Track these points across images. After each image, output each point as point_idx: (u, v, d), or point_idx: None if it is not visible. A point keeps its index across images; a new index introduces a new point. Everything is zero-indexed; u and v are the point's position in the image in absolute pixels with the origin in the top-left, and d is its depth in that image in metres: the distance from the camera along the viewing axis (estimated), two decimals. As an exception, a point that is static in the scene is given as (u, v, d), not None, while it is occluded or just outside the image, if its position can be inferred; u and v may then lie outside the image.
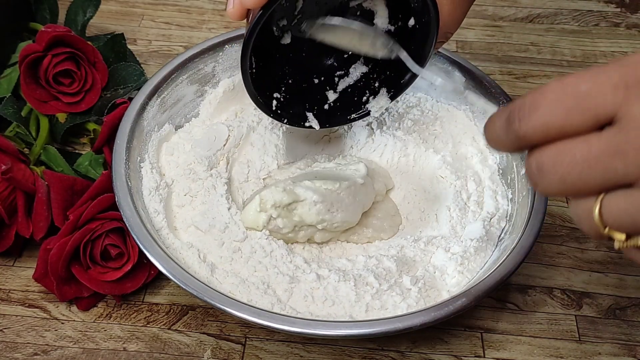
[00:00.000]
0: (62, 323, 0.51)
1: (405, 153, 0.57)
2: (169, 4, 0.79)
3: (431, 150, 0.56)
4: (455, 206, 0.53)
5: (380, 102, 0.52)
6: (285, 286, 0.46)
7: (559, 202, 0.60)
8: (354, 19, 0.49)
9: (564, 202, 0.60)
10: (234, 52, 0.59)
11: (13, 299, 0.52)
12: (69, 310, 0.51)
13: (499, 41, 0.76)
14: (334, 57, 0.53)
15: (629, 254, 0.31)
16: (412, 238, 0.51)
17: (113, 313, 0.51)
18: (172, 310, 0.52)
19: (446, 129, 0.58)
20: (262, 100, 0.50)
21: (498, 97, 0.55)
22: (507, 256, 0.45)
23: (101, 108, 0.60)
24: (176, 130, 0.57)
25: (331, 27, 0.49)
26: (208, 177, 0.52)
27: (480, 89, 0.57)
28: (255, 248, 0.48)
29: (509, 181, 0.54)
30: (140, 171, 0.52)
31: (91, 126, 0.60)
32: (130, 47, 0.67)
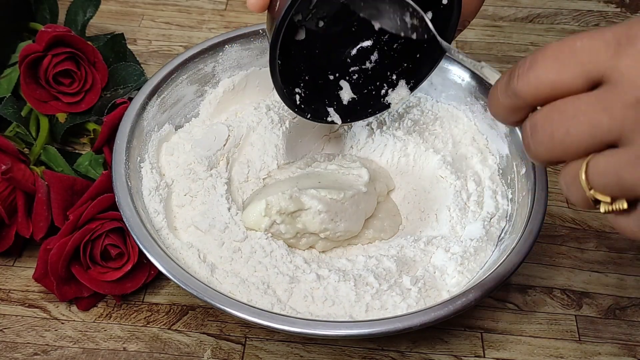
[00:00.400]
0: (62, 323, 0.51)
1: (405, 153, 0.57)
2: (169, 4, 0.79)
3: (431, 150, 0.56)
4: (455, 206, 0.53)
5: (400, 94, 0.53)
6: (285, 286, 0.46)
7: (559, 202, 0.60)
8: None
9: (564, 202, 0.60)
10: (234, 52, 0.59)
11: (13, 299, 0.52)
12: (69, 310, 0.51)
13: (499, 41, 0.76)
14: (348, 52, 0.53)
15: (615, 222, 0.31)
16: (412, 238, 0.51)
17: (113, 313, 0.51)
18: (172, 310, 0.52)
19: (446, 129, 0.58)
20: (287, 94, 0.50)
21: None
22: (507, 256, 0.45)
23: (101, 108, 0.60)
24: (176, 130, 0.57)
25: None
26: (208, 177, 0.52)
27: (480, 89, 0.57)
28: (255, 248, 0.48)
29: (509, 181, 0.54)
30: (140, 171, 0.52)
31: (91, 126, 0.60)
32: (130, 47, 0.67)
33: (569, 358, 0.50)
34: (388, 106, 0.53)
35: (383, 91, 0.53)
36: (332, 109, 0.53)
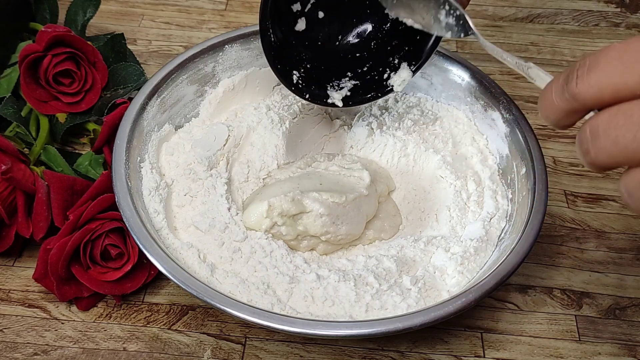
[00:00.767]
0: (62, 323, 0.51)
1: (405, 153, 0.57)
2: (169, 4, 0.79)
3: (431, 150, 0.56)
4: (455, 206, 0.53)
5: (402, 76, 0.53)
6: (285, 286, 0.46)
7: (559, 202, 0.60)
8: None
9: (564, 203, 0.60)
10: (234, 52, 0.59)
11: (13, 299, 0.52)
12: (69, 310, 0.51)
13: (499, 41, 0.76)
14: (351, 40, 0.54)
15: None
16: (412, 238, 0.51)
17: (113, 313, 0.51)
18: (172, 310, 0.52)
19: (446, 129, 0.58)
20: (282, 73, 0.50)
21: (498, 97, 0.55)
22: (507, 256, 0.45)
23: (101, 108, 0.60)
24: (176, 130, 0.57)
25: None
26: (208, 177, 0.52)
27: (480, 89, 0.57)
28: (255, 248, 0.48)
29: (509, 181, 0.54)
30: (140, 171, 0.52)
31: (91, 126, 0.60)
32: (130, 47, 0.67)
33: (569, 358, 0.50)
34: (391, 90, 0.54)
35: (385, 75, 0.53)
36: (334, 92, 0.53)
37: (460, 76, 0.58)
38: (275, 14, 0.49)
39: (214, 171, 0.53)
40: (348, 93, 0.54)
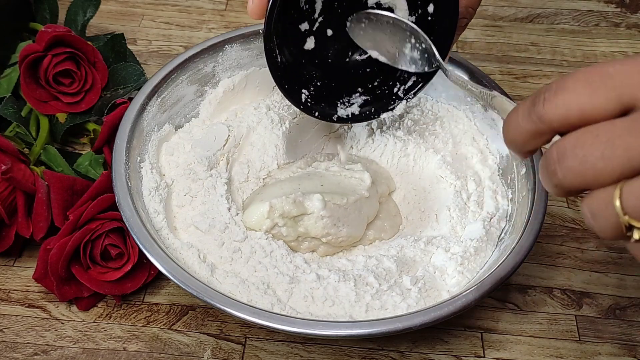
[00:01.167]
0: (62, 323, 0.51)
1: (405, 153, 0.57)
2: (169, 4, 0.79)
3: (431, 150, 0.56)
4: (455, 206, 0.53)
5: (411, 89, 0.53)
6: (285, 286, 0.46)
7: (559, 202, 0.60)
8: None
9: (564, 203, 0.60)
10: (234, 52, 0.59)
11: (13, 299, 0.52)
12: (69, 310, 0.51)
13: (499, 41, 0.76)
14: (360, 56, 0.54)
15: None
16: (412, 238, 0.51)
17: (113, 313, 0.51)
18: (172, 310, 0.52)
19: (446, 129, 0.58)
20: (291, 92, 0.50)
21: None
22: (507, 256, 0.45)
23: (101, 108, 0.60)
24: (176, 130, 0.57)
25: (362, 28, 0.50)
26: (208, 177, 0.52)
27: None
28: (255, 248, 0.48)
29: (509, 181, 0.54)
30: (140, 171, 0.52)
31: (91, 126, 0.60)
32: (130, 47, 0.67)
33: (569, 358, 0.50)
34: (398, 100, 0.54)
35: (395, 89, 0.54)
36: (343, 109, 0.53)
37: (460, 76, 0.58)
38: (282, 34, 0.49)
39: (214, 171, 0.53)
40: (358, 109, 0.54)
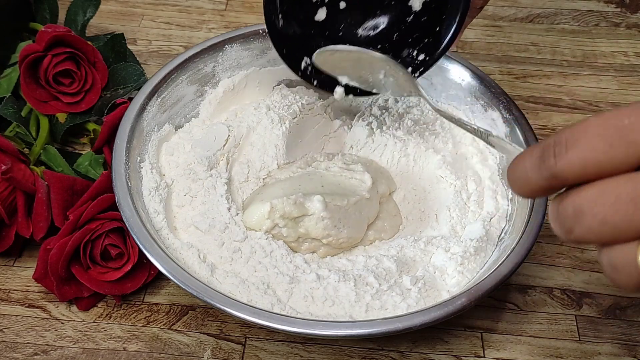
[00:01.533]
0: (62, 323, 0.51)
1: (405, 153, 0.57)
2: (169, 4, 0.79)
3: (431, 150, 0.56)
4: (455, 206, 0.53)
5: (417, 69, 0.52)
6: (285, 286, 0.46)
7: (559, 202, 0.60)
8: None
9: (564, 202, 0.60)
10: (234, 52, 0.59)
11: (13, 299, 0.52)
12: (69, 310, 0.51)
13: (499, 41, 0.76)
14: (372, 32, 0.53)
15: None
16: (412, 238, 0.51)
17: (113, 313, 0.51)
18: (172, 310, 0.52)
19: (446, 129, 0.58)
20: (290, 58, 0.49)
21: (498, 97, 0.56)
22: (507, 256, 0.46)
23: (101, 108, 0.60)
24: (176, 130, 0.57)
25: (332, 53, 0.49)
26: (208, 177, 0.52)
27: (480, 89, 0.57)
28: (255, 248, 0.48)
29: (509, 181, 0.54)
30: (140, 171, 0.52)
31: (91, 126, 0.60)
32: (130, 47, 0.67)
33: (569, 358, 0.50)
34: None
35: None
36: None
37: (460, 76, 0.58)
38: (293, 3, 0.48)
39: (214, 171, 0.53)
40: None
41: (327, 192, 0.50)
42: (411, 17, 0.52)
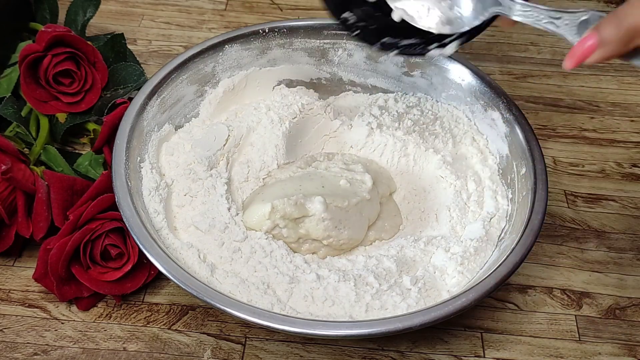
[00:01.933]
0: (62, 323, 0.51)
1: (405, 153, 0.57)
2: (169, 4, 0.79)
3: (431, 150, 0.56)
4: (455, 206, 0.53)
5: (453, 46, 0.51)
6: (285, 286, 0.46)
7: (559, 202, 0.60)
8: None
9: (564, 203, 0.60)
10: (234, 52, 0.59)
11: (13, 299, 0.52)
12: (69, 310, 0.51)
13: (499, 41, 0.76)
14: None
15: None
16: (412, 238, 0.51)
17: (113, 313, 0.51)
18: (172, 310, 0.52)
19: (446, 129, 0.58)
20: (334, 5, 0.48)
21: (498, 97, 0.56)
22: (507, 256, 0.45)
23: (101, 108, 0.60)
24: (176, 130, 0.57)
25: None
26: (208, 177, 0.52)
27: (480, 89, 0.57)
28: (255, 248, 0.48)
29: (509, 181, 0.54)
30: (140, 171, 0.52)
31: (91, 126, 0.60)
32: (130, 47, 0.67)
33: (569, 358, 0.50)
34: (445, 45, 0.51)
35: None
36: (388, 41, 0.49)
37: (460, 76, 0.58)
38: None
39: (214, 171, 0.53)
40: (406, 42, 0.49)
41: (328, 193, 0.50)
42: None
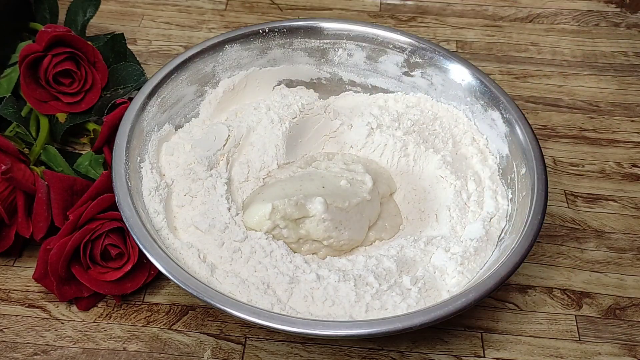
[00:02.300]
0: (62, 323, 0.51)
1: (405, 153, 0.57)
2: (169, 4, 0.79)
3: (431, 150, 0.56)
4: (455, 206, 0.53)
5: None
6: (285, 286, 0.46)
7: (559, 202, 0.60)
8: None
9: (564, 203, 0.60)
10: (234, 52, 0.59)
11: (13, 299, 0.52)
12: (69, 310, 0.51)
13: (499, 41, 0.76)
14: None
15: None
16: (412, 238, 0.51)
17: (113, 313, 0.51)
18: (172, 310, 0.52)
19: (446, 129, 0.58)
20: None
21: (498, 97, 0.55)
22: (507, 256, 0.45)
23: (101, 108, 0.60)
24: (176, 130, 0.57)
25: None
26: (208, 177, 0.52)
27: (480, 89, 0.57)
28: (255, 248, 0.48)
29: (509, 181, 0.54)
30: (140, 171, 0.52)
31: (91, 126, 0.60)
32: (130, 47, 0.67)
33: (569, 358, 0.50)
34: None
35: None
36: None
37: (460, 76, 0.58)
38: None
39: (214, 171, 0.53)
40: None
41: (328, 194, 0.50)
42: None
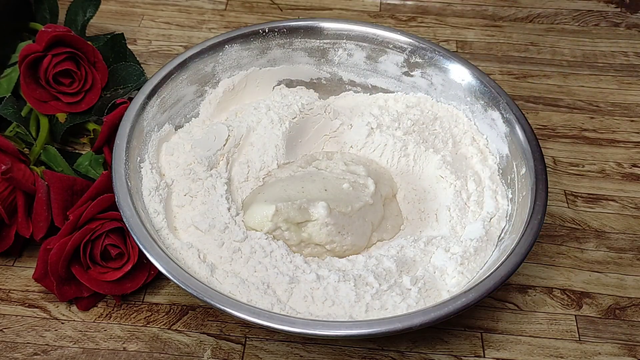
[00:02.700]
0: (62, 323, 0.51)
1: (405, 153, 0.57)
2: (169, 4, 0.79)
3: (431, 150, 0.56)
4: (455, 206, 0.53)
5: None
6: (285, 286, 0.46)
7: (559, 202, 0.60)
8: None
9: (564, 203, 0.60)
10: (234, 52, 0.59)
11: (13, 299, 0.52)
12: (69, 310, 0.51)
13: (499, 41, 0.76)
14: None
15: None
16: (412, 238, 0.51)
17: (113, 313, 0.51)
18: (172, 310, 0.52)
19: (446, 129, 0.58)
20: None
21: (498, 97, 0.55)
22: (507, 256, 0.45)
23: (101, 108, 0.60)
24: (176, 130, 0.57)
25: None
26: (208, 177, 0.52)
27: (480, 89, 0.57)
28: (255, 248, 0.48)
29: (509, 181, 0.54)
30: (140, 171, 0.52)
31: (91, 126, 0.60)
32: (130, 47, 0.67)
33: (569, 358, 0.50)
34: None
35: None
36: None
37: (460, 76, 0.58)
38: None
39: (214, 171, 0.53)
40: None
41: (331, 197, 0.50)
42: None
